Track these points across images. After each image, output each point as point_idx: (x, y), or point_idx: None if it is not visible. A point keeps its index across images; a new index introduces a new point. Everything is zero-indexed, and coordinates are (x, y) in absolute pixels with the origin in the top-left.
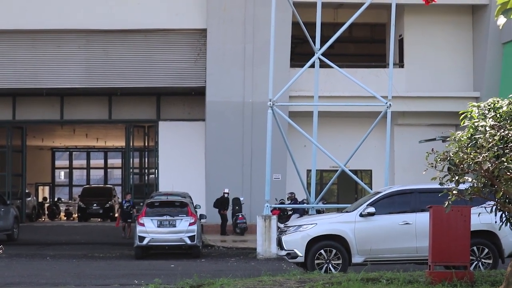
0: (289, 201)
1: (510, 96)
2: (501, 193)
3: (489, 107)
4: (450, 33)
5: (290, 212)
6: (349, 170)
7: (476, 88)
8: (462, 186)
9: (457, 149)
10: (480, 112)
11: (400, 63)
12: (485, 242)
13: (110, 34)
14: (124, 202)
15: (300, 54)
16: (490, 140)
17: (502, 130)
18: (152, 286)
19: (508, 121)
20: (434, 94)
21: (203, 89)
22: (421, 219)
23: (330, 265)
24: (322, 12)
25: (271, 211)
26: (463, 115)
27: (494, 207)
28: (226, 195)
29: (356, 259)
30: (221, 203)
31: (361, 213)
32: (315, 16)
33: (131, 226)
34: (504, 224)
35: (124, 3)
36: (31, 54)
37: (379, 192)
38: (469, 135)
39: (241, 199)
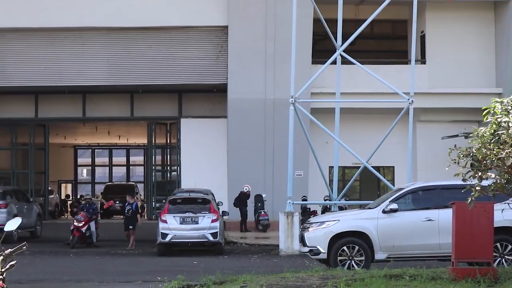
0: None
1: None
2: None
3: None
4: (472, 29)
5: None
6: (372, 166)
7: (499, 84)
8: (485, 182)
9: (480, 145)
10: (503, 108)
11: (422, 60)
12: (508, 239)
13: (132, 32)
14: (126, 205)
15: (321, 51)
16: None
17: None
18: (175, 282)
19: None
20: (456, 91)
21: (225, 86)
22: (444, 216)
23: (353, 261)
24: (343, 9)
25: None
26: (486, 111)
27: None
28: (246, 190)
29: (379, 255)
30: (241, 200)
31: (383, 209)
32: (337, 13)
33: (134, 235)
34: None
35: (145, 0)
36: (53, 52)
37: (401, 189)
38: (492, 131)
39: (263, 196)
